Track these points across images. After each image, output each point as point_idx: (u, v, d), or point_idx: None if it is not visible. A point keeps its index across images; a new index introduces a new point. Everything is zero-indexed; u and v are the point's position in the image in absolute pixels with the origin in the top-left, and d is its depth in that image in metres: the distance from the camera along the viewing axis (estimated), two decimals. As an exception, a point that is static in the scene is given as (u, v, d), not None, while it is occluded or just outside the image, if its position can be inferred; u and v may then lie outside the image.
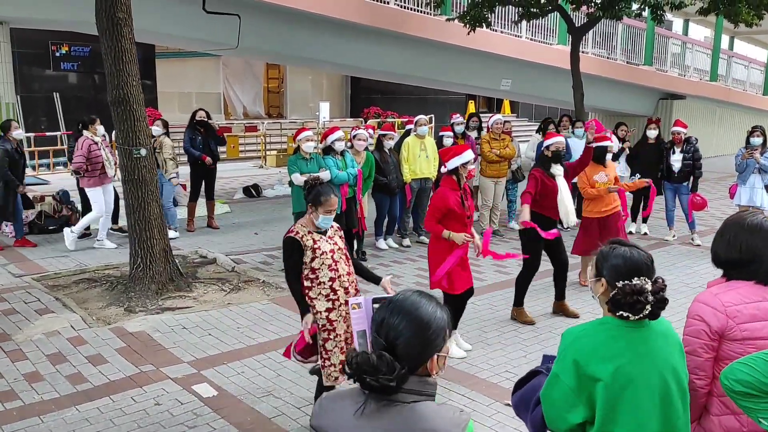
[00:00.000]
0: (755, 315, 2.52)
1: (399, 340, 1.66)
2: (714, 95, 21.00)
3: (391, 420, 1.64)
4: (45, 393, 4.62)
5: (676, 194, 9.42)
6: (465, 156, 5.14)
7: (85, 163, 8.28)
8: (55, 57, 16.96)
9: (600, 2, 10.65)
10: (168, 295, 6.66)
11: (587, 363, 2.22)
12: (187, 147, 9.41)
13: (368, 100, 23.19)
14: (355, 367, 1.64)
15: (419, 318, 1.67)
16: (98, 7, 6.40)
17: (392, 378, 1.62)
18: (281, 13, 11.62)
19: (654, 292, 2.20)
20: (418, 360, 1.67)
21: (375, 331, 1.71)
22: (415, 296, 1.72)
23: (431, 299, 1.73)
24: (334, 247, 4.01)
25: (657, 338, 2.29)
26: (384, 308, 1.73)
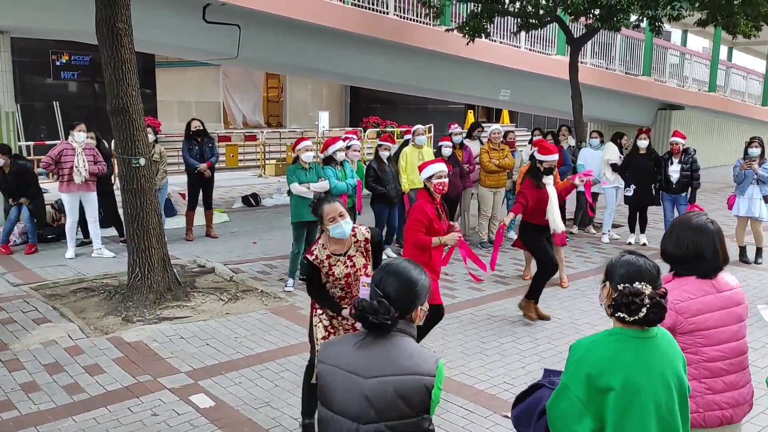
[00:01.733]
0: (700, 309, 2.85)
1: (393, 292, 2.21)
2: (712, 106, 21.06)
3: (381, 348, 2.19)
4: (42, 403, 4.60)
5: (674, 205, 9.44)
6: (431, 168, 5.14)
7: (51, 164, 8.29)
8: (55, 66, 17.01)
9: (599, 13, 10.69)
10: (166, 304, 6.65)
11: (600, 374, 2.28)
12: (186, 157, 9.41)
13: (368, 109, 23.24)
14: (360, 309, 2.19)
15: (409, 277, 2.25)
16: (98, 18, 6.42)
17: (389, 317, 2.17)
18: (281, 24, 11.65)
19: (651, 296, 2.28)
20: (406, 309, 2.23)
21: (375, 285, 2.24)
22: (405, 262, 2.31)
23: (417, 266, 2.30)
24: (351, 270, 3.90)
25: (663, 349, 2.36)
26: (382, 269, 2.28)
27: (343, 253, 3.90)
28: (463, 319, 6.56)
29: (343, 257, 3.89)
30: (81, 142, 8.37)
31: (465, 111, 26.15)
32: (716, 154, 21.64)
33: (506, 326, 6.37)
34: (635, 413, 2.25)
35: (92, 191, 8.52)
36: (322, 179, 7.48)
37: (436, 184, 5.13)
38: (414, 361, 2.17)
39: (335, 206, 3.83)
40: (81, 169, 8.26)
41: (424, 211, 5.07)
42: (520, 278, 8.04)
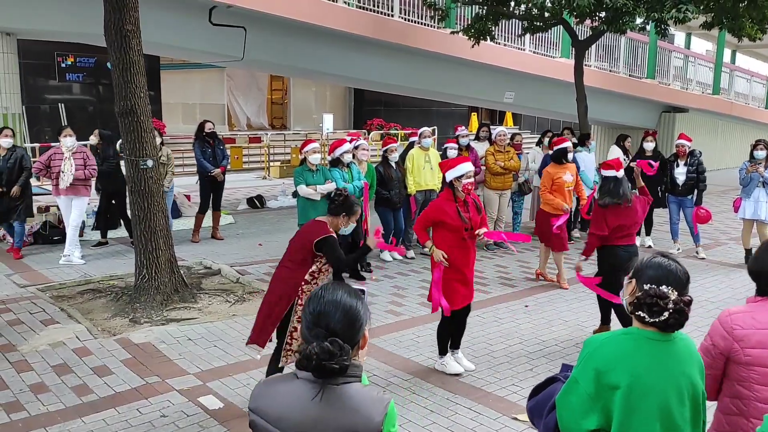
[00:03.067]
0: (762, 342, 2.58)
1: (339, 326, 1.86)
2: (716, 108, 21.04)
3: (330, 402, 1.82)
4: (50, 404, 4.61)
5: (680, 207, 9.43)
6: (459, 169, 5.10)
7: (42, 169, 8.29)
8: (60, 68, 17.06)
9: (604, 16, 10.69)
10: (173, 306, 6.66)
11: (608, 371, 2.25)
12: (200, 159, 9.39)
13: (372, 111, 23.26)
14: (315, 358, 1.78)
15: (348, 305, 1.90)
16: (107, 20, 6.44)
17: (347, 358, 1.82)
18: (286, 26, 11.68)
19: (676, 302, 2.23)
20: (353, 342, 1.89)
21: (312, 323, 1.87)
22: (337, 287, 1.95)
23: (348, 287, 1.97)
24: None
25: (679, 354, 2.31)
26: (315, 300, 1.91)
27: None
28: (470, 321, 6.49)
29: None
30: (70, 147, 8.29)
31: (469, 113, 26.16)
32: (720, 156, 21.62)
33: (513, 328, 6.37)
34: (641, 414, 2.23)
35: (83, 196, 8.43)
36: (329, 181, 7.49)
37: (465, 184, 5.09)
38: (362, 414, 1.85)
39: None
40: (66, 173, 8.19)
41: (436, 209, 5.15)
42: (526, 280, 8.03)
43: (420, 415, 4.58)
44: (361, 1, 12.84)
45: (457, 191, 5.11)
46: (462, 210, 5.09)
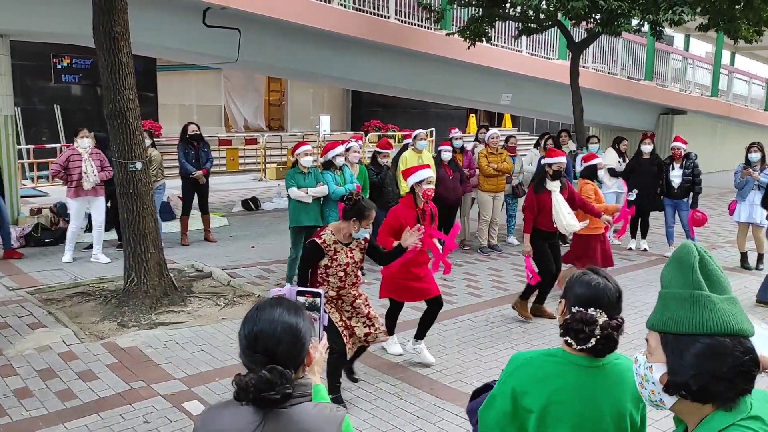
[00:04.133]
0: None
1: (279, 348, 1.67)
2: (715, 110, 20.98)
3: (285, 425, 1.66)
4: (34, 409, 4.56)
5: (675, 210, 9.38)
6: (419, 175, 5.17)
7: (60, 171, 8.25)
8: (56, 69, 17.03)
9: (599, 18, 10.65)
10: (162, 309, 6.61)
11: (524, 393, 2.13)
12: (182, 162, 9.36)
13: (369, 113, 23.22)
14: (253, 389, 1.61)
15: (287, 324, 1.70)
16: (95, 22, 6.40)
17: (289, 385, 1.64)
18: (281, 28, 11.63)
19: (603, 327, 2.06)
20: (297, 362, 1.72)
21: (248, 347, 1.69)
22: (274, 304, 1.75)
23: (286, 302, 1.78)
24: (350, 261, 4.54)
25: (607, 382, 2.14)
26: (249, 322, 1.71)
27: (347, 245, 4.52)
28: (461, 325, 6.51)
29: (346, 248, 4.52)
30: (86, 148, 8.34)
31: (467, 115, 26.13)
32: (718, 159, 21.54)
33: (504, 333, 6.32)
34: None
35: (101, 196, 8.48)
36: (320, 184, 7.44)
37: (425, 190, 5.15)
38: None
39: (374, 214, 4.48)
40: (90, 175, 8.22)
41: (397, 216, 5.17)
42: (519, 284, 7.97)
43: (406, 421, 4.54)
44: (357, 3, 12.80)
45: (417, 197, 5.18)
46: (420, 217, 5.19)
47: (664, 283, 1.58)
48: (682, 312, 1.51)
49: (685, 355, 1.49)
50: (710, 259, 1.56)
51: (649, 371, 1.58)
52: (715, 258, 1.56)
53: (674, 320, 1.52)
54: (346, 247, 4.52)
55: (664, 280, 1.59)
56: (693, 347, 1.48)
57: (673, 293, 1.55)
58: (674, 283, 1.55)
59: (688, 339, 1.49)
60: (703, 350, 1.47)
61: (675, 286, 1.55)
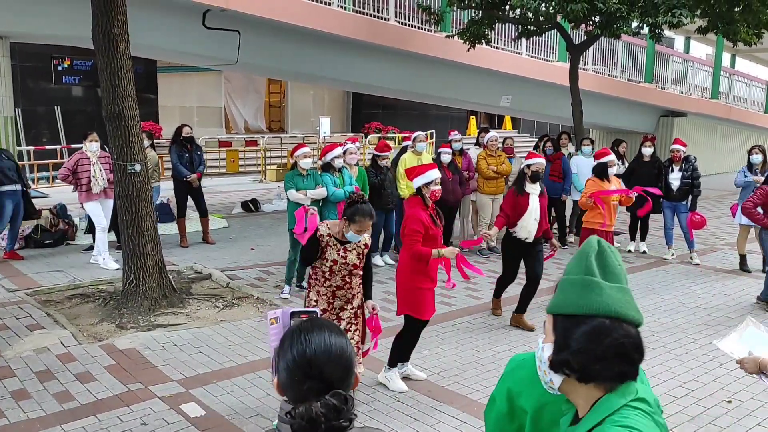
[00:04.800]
0: None
1: (336, 372, 1.55)
2: (715, 113, 20.99)
3: None
4: (31, 411, 4.57)
5: (674, 213, 9.38)
6: (427, 176, 5.03)
7: (69, 175, 8.25)
8: (57, 71, 17.06)
9: (598, 21, 10.66)
10: (161, 311, 6.62)
11: (518, 394, 2.16)
12: (176, 164, 9.35)
13: (370, 115, 23.23)
14: (323, 419, 1.47)
15: (340, 348, 1.56)
16: (94, 24, 6.41)
17: (353, 409, 1.54)
18: (281, 30, 11.65)
19: None
20: (349, 385, 1.61)
21: (302, 374, 1.54)
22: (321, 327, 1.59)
23: (330, 324, 1.63)
24: (340, 260, 4.39)
25: None
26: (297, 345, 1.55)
27: (341, 243, 4.39)
28: (460, 327, 6.52)
29: (339, 246, 4.39)
30: (95, 152, 8.35)
31: (467, 117, 26.15)
32: (719, 161, 21.58)
33: (502, 335, 6.32)
34: None
35: (110, 198, 8.45)
36: (319, 186, 7.45)
37: (433, 191, 5.05)
38: None
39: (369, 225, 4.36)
40: (99, 178, 8.24)
41: (419, 220, 4.96)
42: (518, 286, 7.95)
43: (403, 423, 4.54)
44: (357, 5, 12.82)
45: (425, 198, 5.06)
46: (434, 215, 5.07)
47: (566, 272, 1.65)
48: (572, 295, 1.58)
49: (569, 334, 1.56)
50: (611, 252, 1.62)
51: (541, 351, 1.65)
52: (617, 254, 1.62)
53: (565, 303, 1.59)
54: (339, 245, 4.39)
55: (567, 269, 1.66)
56: (577, 327, 1.55)
57: (568, 279, 1.62)
58: (571, 270, 1.63)
59: (573, 319, 1.56)
60: (585, 330, 1.54)
61: (571, 273, 1.63)
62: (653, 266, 9.12)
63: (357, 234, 4.32)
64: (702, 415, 4.73)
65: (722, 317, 6.94)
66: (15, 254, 8.62)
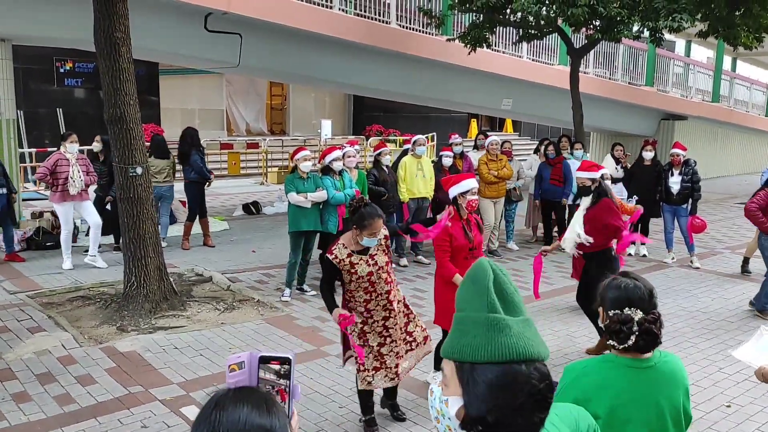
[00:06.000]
0: None
1: None
2: (716, 116, 21.01)
3: None
4: (32, 414, 4.58)
5: (674, 216, 9.39)
6: (463, 185, 4.89)
7: (47, 175, 8.26)
8: (59, 73, 17.11)
9: (599, 25, 10.68)
10: (161, 313, 6.64)
11: (587, 401, 2.21)
12: (201, 167, 9.41)
13: (371, 117, 23.26)
14: None
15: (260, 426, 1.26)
16: (96, 27, 6.44)
17: None
18: (282, 33, 11.67)
19: (640, 323, 2.20)
20: None
21: None
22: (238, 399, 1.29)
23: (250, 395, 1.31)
24: (373, 268, 4.19)
25: (660, 378, 2.28)
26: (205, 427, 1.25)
27: (365, 251, 4.19)
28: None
29: (365, 256, 4.18)
30: (74, 153, 8.37)
31: (468, 120, 26.17)
32: (719, 164, 21.59)
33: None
34: None
35: (86, 200, 8.52)
36: (319, 189, 7.47)
37: (470, 201, 4.89)
38: None
39: (380, 224, 4.11)
40: (76, 180, 8.26)
41: (448, 233, 4.81)
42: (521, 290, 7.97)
43: (404, 427, 4.55)
44: (358, 8, 12.85)
45: (461, 208, 4.91)
46: (467, 228, 4.93)
47: (460, 305, 1.43)
48: (478, 338, 1.35)
49: (481, 385, 1.33)
50: (505, 278, 1.42)
51: (444, 405, 1.42)
52: (509, 276, 1.43)
53: (470, 347, 1.35)
54: (365, 256, 4.18)
55: (460, 302, 1.43)
56: (488, 376, 1.32)
57: (469, 317, 1.39)
58: (469, 306, 1.40)
59: (483, 367, 1.33)
60: (499, 379, 1.32)
61: (470, 310, 1.39)
62: (653, 270, 9.13)
63: (372, 238, 4.11)
64: (701, 419, 4.73)
65: (722, 321, 6.95)
66: (16, 256, 8.65)
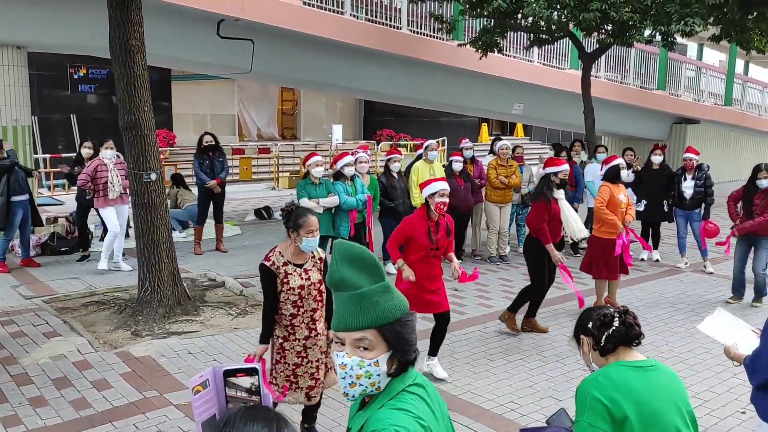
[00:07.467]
0: None
1: None
2: (728, 120, 20.88)
3: None
4: (48, 418, 4.63)
5: (687, 221, 9.35)
6: (432, 187, 5.19)
7: (88, 181, 8.39)
8: (73, 79, 17.25)
9: (611, 29, 10.67)
10: (175, 318, 6.68)
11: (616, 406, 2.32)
12: (197, 171, 9.48)
13: (382, 122, 23.30)
14: None
15: None
16: (112, 35, 6.51)
17: None
18: (294, 39, 11.74)
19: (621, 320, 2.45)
20: None
21: None
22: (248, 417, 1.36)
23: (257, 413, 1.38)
24: (305, 283, 4.05)
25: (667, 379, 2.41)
26: None
27: (300, 265, 4.06)
28: (472, 336, 6.53)
29: (299, 269, 4.05)
30: (110, 159, 8.50)
31: (479, 124, 26.15)
32: (732, 168, 21.43)
33: (515, 344, 6.33)
34: None
35: (126, 204, 8.63)
36: (331, 194, 7.50)
37: (438, 203, 5.13)
38: None
39: (315, 220, 3.99)
40: (115, 184, 8.42)
41: (409, 225, 5.20)
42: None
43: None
44: (369, 14, 12.90)
45: (430, 210, 5.18)
46: (432, 230, 5.18)
47: (356, 285, 1.69)
48: (390, 301, 1.69)
49: (405, 335, 1.70)
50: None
51: (374, 366, 1.68)
52: None
53: (389, 311, 1.68)
54: (299, 269, 4.03)
55: (354, 282, 1.69)
56: (405, 327, 1.70)
57: (375, 290, 1.69)
58: (366, 282, 1.70)
59: (401, 322, 1.70)
60: (411, 323, 1.73)
61: (369, 284, 1.69)
62: (666, 275, 9.09)
63: (310, 237, 3.93)
64: (716, 426, 4.71)
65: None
66: (31, 261, 8.74)
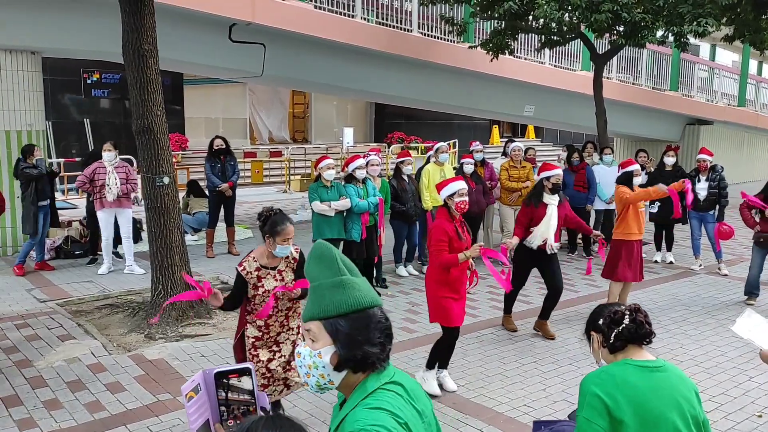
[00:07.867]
0: None
1: None
2: (742, 120, 20.72)
3: None
4: (63, 421, 4.66)
5: (701, 223, 9.28)
6: (451, 187, 5.13)
7: (86, 182, 8.44)
8: (86, 84, 17.40)
9: (623, 30, 10.62)
10: (188, 321, 6.71)
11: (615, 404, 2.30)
12: (208, 175, 9.52)
13: (393, 125, 23.32)
14: None
15: None
16: (125, 40, 6.55)
17: None
18: (305, 42, 11.77)
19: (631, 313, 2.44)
20: None
21: None
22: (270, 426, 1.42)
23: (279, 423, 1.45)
24: (279, 284, 4.09)
25: (673, 380, 2.38)
26: None
27: (274, 267, 4.11)
28: (485, 338, 6.51)
29: (273, 271, 4.10)
30: (110, 161, 8.52)
31: (490, 126, 26.11)
32: (746, 169, 21.25)
33: (528, 347, 6.30)
34: None
35: (126, 208, 8.65)
36: (343, 197, 7.51)
37: (458, 203, 5.10)
38: None
39: (292, 229, 4.06)
40: (112, 187, 8.41)
41: (444, 230, 5.06)
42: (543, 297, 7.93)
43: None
44: (380, 17, 12.92)
45: (451, 210, 5.14)
46: (459, 230, 5.14)
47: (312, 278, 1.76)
48: (337, 296, 1.71)
49: (351, 331, 1.69)
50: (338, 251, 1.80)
51: (318, 357, 1.71)
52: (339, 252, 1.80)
53: (332, 305, 1.70)
54: (272, 271, 4.09)
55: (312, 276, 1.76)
56: (353, 323, 1.69)
57: (324, 284, 1.73)
58: (322, 275, 1.74)
59: (347, 317, 1.69)
60: (361, 322, 1.70)
61: (323, 278, 1.74)
62: (680, 277, 9.03)
63: (284, 244, 3.98)
64: (732, 429, 4.67)
65: (751, 329, 6.84)
66: (46, 264, 8.81)
